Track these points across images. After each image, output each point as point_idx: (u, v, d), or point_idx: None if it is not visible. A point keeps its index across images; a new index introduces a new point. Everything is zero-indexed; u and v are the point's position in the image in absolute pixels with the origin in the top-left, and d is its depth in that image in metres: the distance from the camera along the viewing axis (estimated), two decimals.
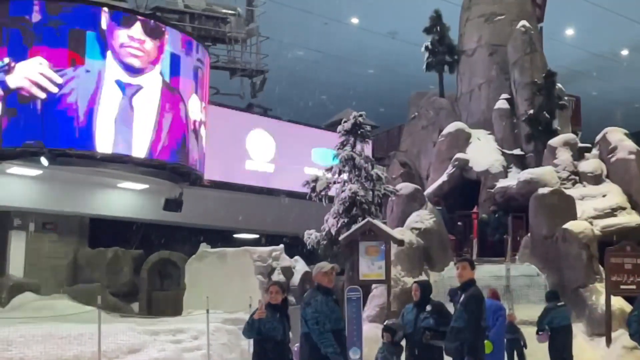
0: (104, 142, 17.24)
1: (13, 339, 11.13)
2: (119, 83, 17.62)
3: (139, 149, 17.86)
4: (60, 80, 16.87)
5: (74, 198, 19.09)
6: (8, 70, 16.75)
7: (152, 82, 18.29)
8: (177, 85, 18.95)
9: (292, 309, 7.91)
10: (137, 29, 18.02)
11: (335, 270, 6.99)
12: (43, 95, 16.78)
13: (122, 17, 17.85)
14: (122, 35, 17.75)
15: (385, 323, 9.01)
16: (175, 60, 18.86)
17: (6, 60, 16.81)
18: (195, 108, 19.56)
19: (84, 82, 17.15)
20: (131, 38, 17.88)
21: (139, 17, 18.20)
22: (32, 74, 16.76)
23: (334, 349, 6.37)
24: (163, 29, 18.74)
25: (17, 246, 19.18)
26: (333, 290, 6.88)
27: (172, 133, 18.63)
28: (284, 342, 7.05)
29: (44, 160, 16.81)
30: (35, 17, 16.95)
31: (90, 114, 17.19)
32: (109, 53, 17.50)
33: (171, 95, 18.72)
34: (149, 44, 18.24)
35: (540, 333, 10.77)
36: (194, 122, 19.50)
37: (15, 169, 17.71)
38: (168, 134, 18.50)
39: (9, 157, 17.05)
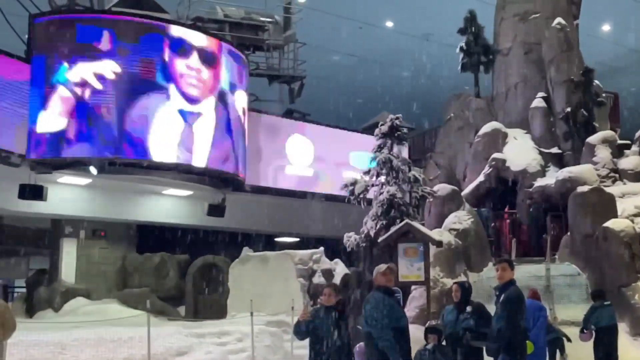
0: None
1: (67, 343, 11.63)
2: (181, 112, 18.36)
3: (198, 161, 18.77)
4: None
5: (121, 205, 19.63)
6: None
7: (210, 108, 19.10)
8: (230, 100, 19.79)
9: None
10: (194, 59, 18.71)
11: (392, 269, 7.06)
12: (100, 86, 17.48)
13: (180, 47, 18.44)
14: (180, 65, 18.40)
15: (428, 325, 8.98)
16: (231, 87, 19.73)
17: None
18: (242, 99, 20.42)
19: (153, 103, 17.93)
20: (189, 67, 18.51)
21: (196, 47, 18.78)
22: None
23: (391, 344, 6.42)
24: (217, 56, 19.36)
25: (69, 253, 19.77)
26: (393, 289, 6.95)
27: (222, 144, 19.33)
28: (338, 343, 7.03)
29: (93, 169, 17.44)
30: (105, 45, 17.61)
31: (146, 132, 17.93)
32: (172, 83, 18.24)
33: (223, 111, 19.52)
34: (206, 73, 18.94)
35: (584, 331, 10.75)
36: (239, 117, 20.25)
37: (66, 178, 18.31)
38: (219, 146, 19.21)
39: (60, 166, 17.70)
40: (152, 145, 17.79)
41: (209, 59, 19.10)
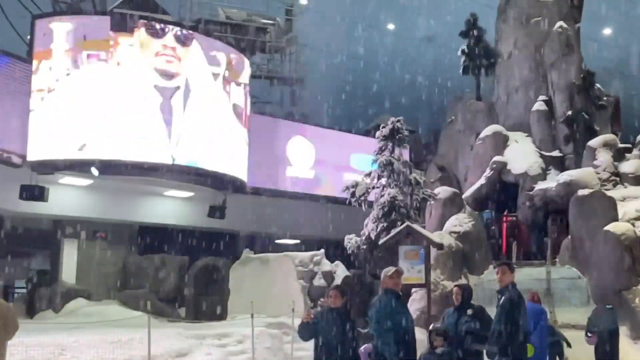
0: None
1: (67, 344, 11.55)
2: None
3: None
4: None
5: (122, 207, 19.60)
6: None
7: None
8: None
9: None
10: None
11: (400, 272, 7.08)
12: None
13: None
14: None
15: (433, 327, 8.88)
16: None
17: None
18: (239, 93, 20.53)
19: None
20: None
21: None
22: None
23: (389, 348, 6.45)
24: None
25: (69, 254, 19.71)
26: (399, 292, 6.95)
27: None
28: (344, 345, 7.03)
29: (94, 171, 17.45)
30: None
31: None
32: None
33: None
34: None
35: (589, 335, 10.74)
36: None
37: (67, 179, 18.30)
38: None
39: (61, 167, 17.71)
40: None
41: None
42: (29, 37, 18.35)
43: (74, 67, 17.53)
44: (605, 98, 20.98)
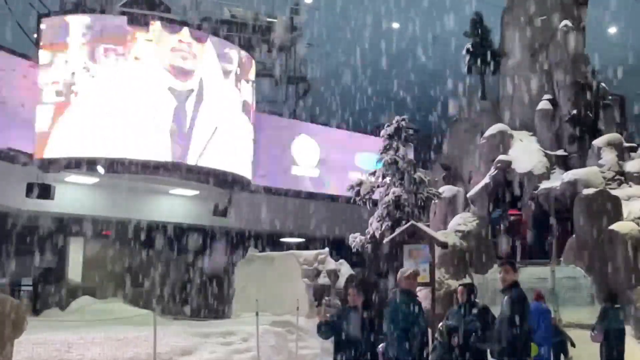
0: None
1: (73, 342, 11.61)
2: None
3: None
4: None
5: (128, 205, 19.66)
6: None
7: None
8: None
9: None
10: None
11: (417, 274, 7.12)
12: None
13: None
14: None
15: (445, 325, 8.81)
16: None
17: None
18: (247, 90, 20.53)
19: None
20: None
21: None
22: None
23: (401, 348, 6.50)
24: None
25: (75, 252, 19.83)
26: (414, 292, 7.04)
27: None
28: (362, 343, 7.13)
29: (100, 169, 17.51)
30: None
31: None
32: None
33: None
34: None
35: (594, 333, 10.75)
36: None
37: (73, 177, 18.39)
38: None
39: (68, 166, 17.76)
40: None
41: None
42: (35, 35, 18.39)
43: (91, 61, 17.49)
44: (610, 97, 20.91)
